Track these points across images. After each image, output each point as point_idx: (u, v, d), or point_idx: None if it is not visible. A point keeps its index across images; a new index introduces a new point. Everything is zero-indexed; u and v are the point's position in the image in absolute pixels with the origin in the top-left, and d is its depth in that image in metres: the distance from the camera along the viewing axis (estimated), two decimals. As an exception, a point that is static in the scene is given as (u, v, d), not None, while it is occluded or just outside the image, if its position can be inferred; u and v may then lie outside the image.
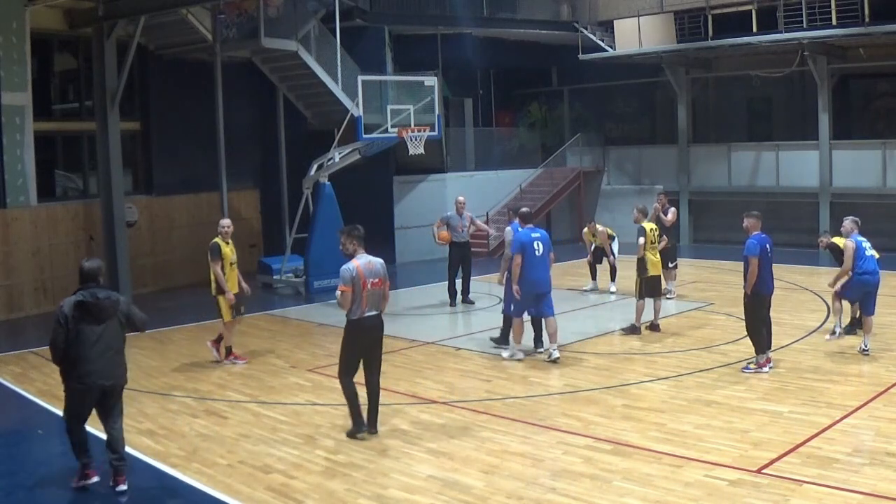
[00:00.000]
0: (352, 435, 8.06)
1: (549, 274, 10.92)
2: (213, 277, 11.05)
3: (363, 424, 8.10)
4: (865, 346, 10.51)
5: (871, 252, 10.65)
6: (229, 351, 11.39)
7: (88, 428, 7.19)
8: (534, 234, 10.84)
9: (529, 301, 10.74)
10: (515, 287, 10.59)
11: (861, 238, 10.68)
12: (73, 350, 6.76)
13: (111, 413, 7.02)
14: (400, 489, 6.80)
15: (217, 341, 11.40)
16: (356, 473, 7.18)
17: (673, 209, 14.77)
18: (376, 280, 7.98)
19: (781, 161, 21.71)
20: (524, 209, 11.48)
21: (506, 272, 11.04)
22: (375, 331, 8.11)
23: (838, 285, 10.78)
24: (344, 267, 7.94)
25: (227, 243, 11.16)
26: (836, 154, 20.87)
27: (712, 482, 6.65)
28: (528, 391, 9.51)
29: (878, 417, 8.07)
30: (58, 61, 17.77)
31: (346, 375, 8.07)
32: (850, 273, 10.55)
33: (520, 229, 11.00)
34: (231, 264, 11.10)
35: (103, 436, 7.09)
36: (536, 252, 10.67)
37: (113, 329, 6.96)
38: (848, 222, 10.88)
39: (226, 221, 11.37)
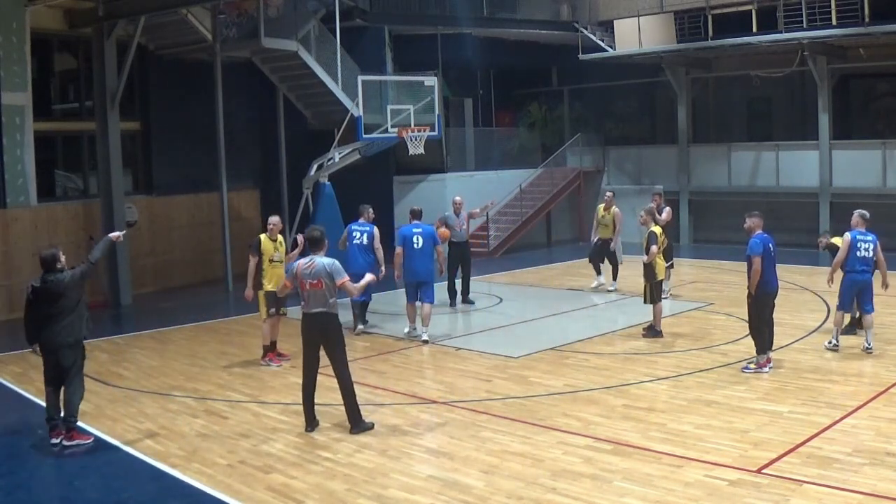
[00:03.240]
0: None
1: (430, 265, 12.20)
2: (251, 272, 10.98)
3: (308, 423, 8.36)
4: (868, 345, 10.54)
5: (864, 253, 10.55)
6: (266, 351, 11.21)
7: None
8: (415, 230, 12.15)
9: (413, 288, 12.14)
10: (398, 273, 12.28)
11: (862, 235, 10.60)
12: (38, 325, 8.21)
13: (69, 373, 8.16)
14: (400, 489, 6.80)
15: (273, 353, 11.27)
16: (356, 473, 7.17)
17: (668, 208, 14.73)
18: (314, 281, 8.15)
19: (781, 161, 21.71)
20: (413, 207, 12.94)
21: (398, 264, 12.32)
22: (317, 328, 8.22)
23: (833, 279, 10.76)
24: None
25: (274, 240, 11.08)
26: (836, 154, 20.87)
27: (712, 482, 6.65)
28: (528, 391, 9.51)
29: (878, 417, 8.07)
30: (58, 61, 17.77)
31: (303, 369, 8.38)
32: (843, 270, 10.55)
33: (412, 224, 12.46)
34: (271, 261, 10.98)
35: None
36: (415, 245, 12.01)
37: (70, 298, 8.13)
38: (855, 216, 10.82)
39: (274, 218, 11.31)
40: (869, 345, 10.52)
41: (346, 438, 8.05)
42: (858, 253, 10.52)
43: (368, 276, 8.76)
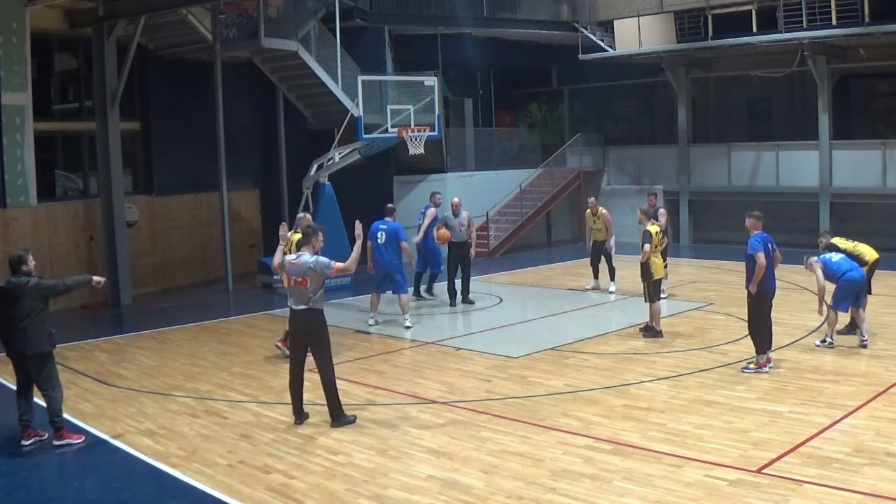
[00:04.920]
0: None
1: (393, 258, 13.09)
2: None
3: (297, 417, 8.52)
4: (864, 338, 10.67)
5: (837, 257, 10.75)
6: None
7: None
8: (381, 226, 13.22)
9: (380, 279, 13.22)
10: (369, 265, 13.15)
11: (828, 256, 10.80)
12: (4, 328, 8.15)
13: (39, 380, 8.16)
14: (400, 489, 6.80)
15: (284, 340, 11.44)
16: (356, 473, 7.18)
17: (663, 211, 14.70)
18: (299, 279, 8.28)
19: (781, 161, 21.70)
20: (389, 205, 14.00)
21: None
22: (302, 324, 8.37)
23: (823, 307, 10.70)
24: None
25: None
26: (836, 154, 20.86)
27: (712, 482, 6.65)
28: (528, 391, 9.51)
29: (878, 417, 8.07)
30: (58, 61, 17.76)
31: (290, 364, 8.59)
32: (834, 282, 10.63)
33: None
34: None
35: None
36: (379, 240, 13.07)
37: (26, 306, 8.01)
38: (806, 261, 10.99)
39: (308, 216, 11.58)
40: (865, 338, 10.68)
41: (346, 438, 8.05)
42: (833, 260, 10.71)
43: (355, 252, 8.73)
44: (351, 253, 8.48)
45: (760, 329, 9.85)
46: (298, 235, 11.04)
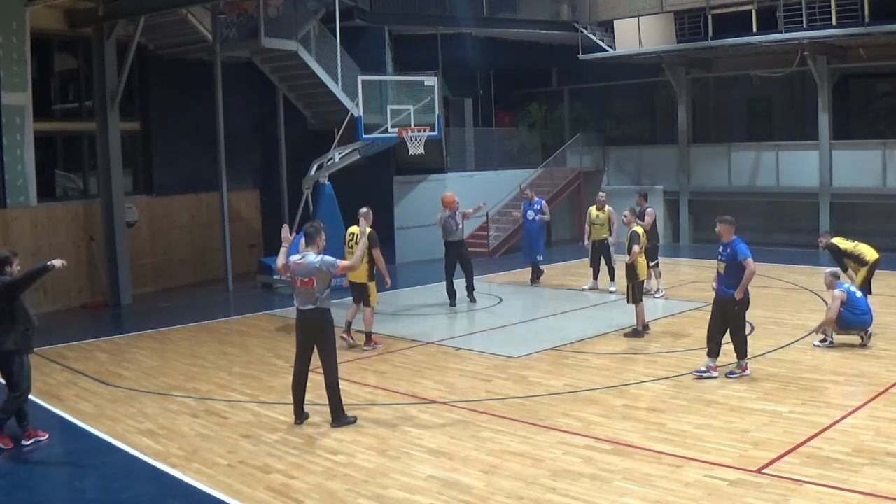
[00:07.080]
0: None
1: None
2: (366, 264, 11.31)
3: (297, 417, 8.54)
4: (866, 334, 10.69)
5: (860, 295, 10.78)
6: (368, 338, 11.87)
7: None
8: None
9: None
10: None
11: (854, 291, 10.78)
12: None
13: (9, 380, 8.11)
14: (400, 489, 6.80)
15: (346, 330, 11.82)
16: (356, 473, 7.18)
17: (651, 210, 14.68)
18: (305, 279, 8.30)
19: (781, 161, 21.69)
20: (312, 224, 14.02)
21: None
22: (309, 324, 8.40)
23: (826, 329, 10.76)
24: None
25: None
26: (836, 154, 20.85)
27: (712, 482, 6.65)
28: (528, 391, 9.51)
29: (878, 417, 8.07)
30: (58, 61, 17.75)
31: (294, 363, 8.61)
32: (850, 310, 10.61)
33: None
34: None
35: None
36: None
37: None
38: (828, 278, 10.90)
39: (369, 211, 11.51)
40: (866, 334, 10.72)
41: (346, 438, 8.05)
42: (858, 295, 10.68)
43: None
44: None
45: (744, 334, 9.76)
46: (355, 229, 11.31)
